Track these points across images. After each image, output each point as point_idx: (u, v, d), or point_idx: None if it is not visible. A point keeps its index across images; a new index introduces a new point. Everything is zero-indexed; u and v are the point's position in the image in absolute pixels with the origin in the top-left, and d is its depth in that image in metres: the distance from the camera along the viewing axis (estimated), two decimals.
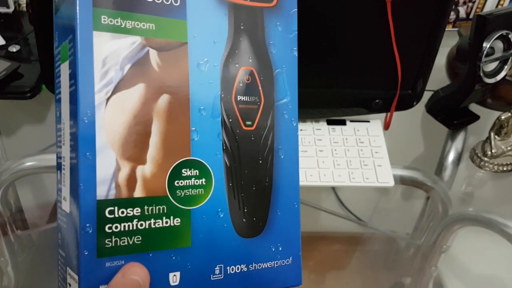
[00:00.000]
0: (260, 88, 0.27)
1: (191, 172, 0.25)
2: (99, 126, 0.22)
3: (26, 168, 0.59)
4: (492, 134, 0.67)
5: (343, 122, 0.63)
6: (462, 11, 0.95)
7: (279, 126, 0.28)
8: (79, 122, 0.22)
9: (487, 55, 0.64)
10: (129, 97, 0.23)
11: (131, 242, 0.23)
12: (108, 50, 0.23)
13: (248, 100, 0.27)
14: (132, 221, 0.23)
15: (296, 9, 0.28)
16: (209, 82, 0.25)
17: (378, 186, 0.59)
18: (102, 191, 0.23)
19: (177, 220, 0.25)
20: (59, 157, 0.25)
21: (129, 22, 0.23)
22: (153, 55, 0.24)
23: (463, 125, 0.74)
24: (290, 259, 0.29)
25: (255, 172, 0.27)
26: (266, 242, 0.28)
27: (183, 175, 0.25)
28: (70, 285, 0.24)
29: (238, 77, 0.26)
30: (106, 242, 0.23)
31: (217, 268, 0.26)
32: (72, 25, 0.22)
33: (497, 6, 0.93)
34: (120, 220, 0.23)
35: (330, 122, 0.63)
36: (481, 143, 0.69)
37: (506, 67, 0.67)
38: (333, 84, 0.58)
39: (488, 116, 0.74)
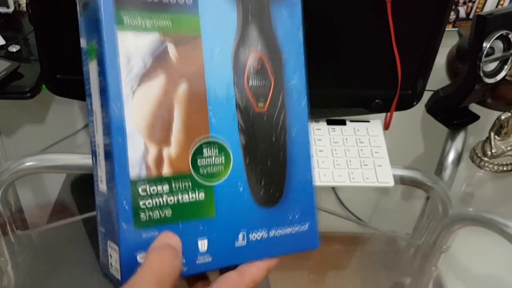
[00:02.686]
0: (269, 71, 0.29)
1: (211, 151, 0.28)
2: (128, 115, 0.25)
3: (26, 168, 0.59)
4: (492, 134, 0.67)
5: (343, 122, 0.63)
6: (462, 11, 0.95)
7: (289, 105, 0.30)
8: (110, 113, 0.25)
9: (487, 55, 0.64)
10: (152, 88, 0.26)
11: (162, 215, 0.26)
12: (132, 47, 0.25)
13: (259, 83, 0.29)
14: (162, 197, 0.26)
15: None
16: (222, 69, 0.28)
17: (378, 186, 0.59)
18: (134, 172, 0.25)
19: (202, 194, 0.27)
20: (93, 145, 0.28)
21: (148, 21, 0.26)
22: (171, 49, 0.26)
23: (463, 125, 0.74)
24: (307, 225, 0.31)
25: (270, 148, 0.29)
26: (283, 211, 0.30)
27: (204, 154, 0.27)
28: (111, 256, 0.26)
29: (248, 63, 0.29)
30: (141, 215, 0.26)
31: (240, 235, 0.29)
32: (98, 27, 0.25)
33: (497, 6, 0.93)
34: (151, 196, 0.26)
35: (330, 122, 0.63)
36: (481, 143, 0.69)
37: (506, 67, 0.67)
38: (333, 84, 0.58)
39: (488, 116, 0.74)
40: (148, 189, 0.26)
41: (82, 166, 0.62)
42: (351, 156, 0.60)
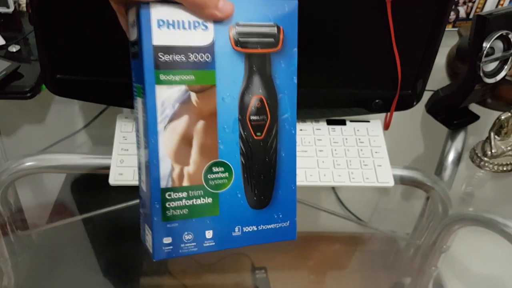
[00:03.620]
0: (267, 109, 0.38)
1: (218, 169, 0.37)
2: (161, 144, 0.35)
3: (26, 168, 0.59)
4: (492, 134, 0.67)
5: (343, 122, 0.63)
6: (462, 11, 0.95)
7: (281, 134, 0.39)
8: (149, 142, 0.35)
9: (487, 55, 0.64)
10: (179, 124, 0.36)
11: (181, 213, 0.37)
12: (165, 96, 0.35)
13: (258, 118, 0.38)
14: (181, 200, 0.37)
15: (296, 48, 0.37)
16: (230, 109, 0.37)
17: (378, 186, 0.59)
18: (164, 183, 0.36)
19: (210, 199, 0.37)
20: (138, 155, 0.38)
21: (177, 77, 0.35)
22: (193, 96, 0.35)
23: (463, 125, 0.74)
24: (288, 222, 0.41)
25: (263, 167, 0.39)
26: (270, 212, 0.40)
27: (213, 171, 0.37)
28: (147, 235, 0.37)
29: (251, 104, 0.37)
30: (167, 212, 0.36)
31: (237, 228, 0.39)
32: (143, 81, 0.34)
33: (497, 6, 0.93)
34: (175, 199, 0.36)
35: (330, 122, 0.63)
36: (481, 143, 0.70)
37: (506, 67, 0.67)
38: (333, 84, 0.58)
39: (488, 116, 0.74)
40: (172, 195, 0.36)
41: (82, 166, 0.62)
42: (351, 156, 0.60)
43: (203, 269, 0.55)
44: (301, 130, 0.62)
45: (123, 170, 0.55)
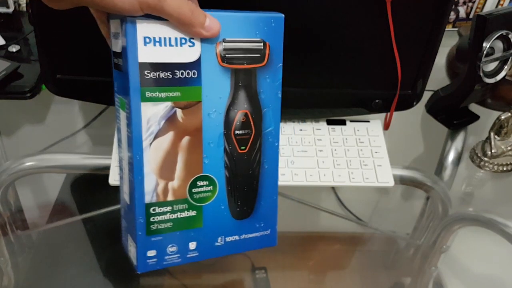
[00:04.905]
0: (252, 123, 0.38)
1: (203, 183, 0.37)
2: (146, 160, 0.35)
3: (26, 168, 0.59)
4: (492, 134, 0.67)
5: (343, 122, 0.63)
6: (462, 11, 0.95)
7: (265, 146, 0.39)
8: (134, 158, 0.35)
9: (487, 55, 0.64)
10: (164, 141, 0.35)
11: (166, 226, 0.37)
12: (151, 113, 0.34)
13: (243, 132, 0.38)
14: (166, 214, 0.37)
15: (281, 64, 0.38)
16: (216, 125, 0.37)
17: (378, 186, 0.59)
18: (148, 198, 0.36)
19: (194, 212, 0.38)
20: (120, 163, 0.38)
21: (163, 94, 0.34)
22: (179, 112, 0.35)
23: (463, 125, 0.74)
24: (269, 231, 0.42)
25: (246, 179, 0.39)
26: (252, 222, 0.41)
27: (198, 185, 0.37)
28: (130, 245, 0.37)
29: (236, 119, 0.37)
30: (151, 226, 0.36)
31: (220, 238, 0.39)
32: (128, 97, 0.33)
33: (497, 6, 0.93)
34: (159, 214, 0.36)
35: (330, 122, 0.63)
36: (481, 143, 0.69)
37: (506, 67, 0.67)
38: (333, 84, 0.58)
39: (488, 116, 0.74)
40: (157, 210, 0.36)
41: (82, 166, 0.62)
42: (351, 156, 0.60)
43: (203, 269, 0.55)
44: (301, 130, 0.62)
45: None
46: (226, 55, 0.35)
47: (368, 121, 0.64)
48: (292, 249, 0.58)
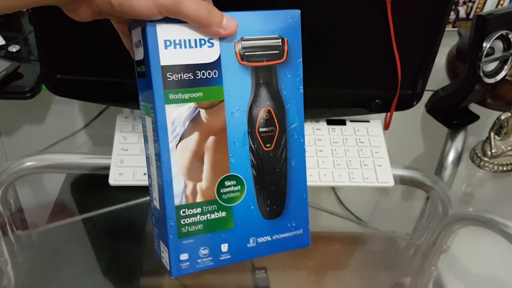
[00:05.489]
0: (275, 120, 0.38)
1: (231, 183, 0.38)
2: (173, 161, 0.35)
3: (26, 168, 0.59)
4: (492, 134, 0.67)
5: (343, 122, 0.63)
6: (462, 11, 0.95)
7: (290, 143, 0.39)
8: (161, 160, 0.35)
9: (487, 55, 0.64)
10: (190, 142, 0.36)
11: (197, 228, 0.37)
12: (175, 115, 0.35)
13: (267, 130, 0.38)
14: (196, 216, 0.37)
15: (301, 59, 0.38)
16: (240, 123, 0.37)
17: (378, 186, 0.59)
18: (178, 200, 0.36)
19: (224, 213, 0.38)
20: (148, 169, 0.38)
21: (186, 95, 0.35)
22: (202, 112, 0.36)
23: (463, 125, 0.74)
24: (301, 230, 0.41)
25: (274, 177, 0.39)
26: (283, 221, 0.40)
27: (225, 185, 0.37)
28: (163, 252, 0.38)
29: (259, 116, 0.38)
30: (182, 229, 0.36)
31: (251, 239, 0.39)
32: (153, 101, 0.34)
33: (497, 6, 0.93)
34: (189, 216, 0.37)
35: (330, 122, 0.63)
36: (481, 143, 0.70)
37: (506, 67, 0.67)
38: (333, 84, 0.58)
39: (488, 116, 0.74)
40: (187, 212, 0.36)
41: (82, 166, 0.62)
42: (351, 156, 0.60)
43: None
44: None
45: (123, 170, 0.55)
46: (245, 53, 0.36)
47: (368, 121, 0.64)
48: None
